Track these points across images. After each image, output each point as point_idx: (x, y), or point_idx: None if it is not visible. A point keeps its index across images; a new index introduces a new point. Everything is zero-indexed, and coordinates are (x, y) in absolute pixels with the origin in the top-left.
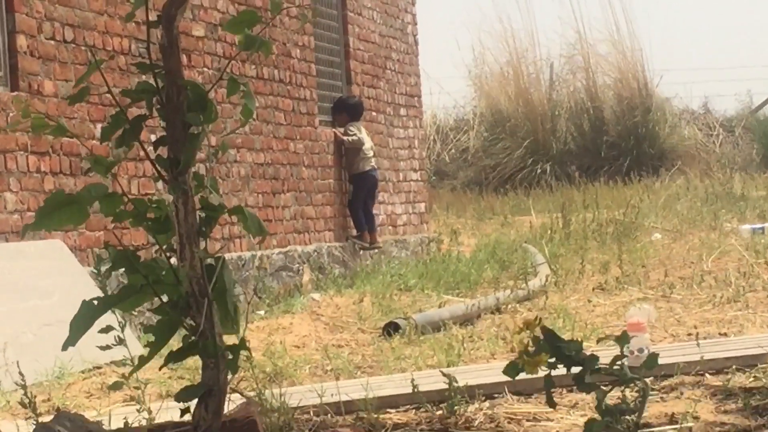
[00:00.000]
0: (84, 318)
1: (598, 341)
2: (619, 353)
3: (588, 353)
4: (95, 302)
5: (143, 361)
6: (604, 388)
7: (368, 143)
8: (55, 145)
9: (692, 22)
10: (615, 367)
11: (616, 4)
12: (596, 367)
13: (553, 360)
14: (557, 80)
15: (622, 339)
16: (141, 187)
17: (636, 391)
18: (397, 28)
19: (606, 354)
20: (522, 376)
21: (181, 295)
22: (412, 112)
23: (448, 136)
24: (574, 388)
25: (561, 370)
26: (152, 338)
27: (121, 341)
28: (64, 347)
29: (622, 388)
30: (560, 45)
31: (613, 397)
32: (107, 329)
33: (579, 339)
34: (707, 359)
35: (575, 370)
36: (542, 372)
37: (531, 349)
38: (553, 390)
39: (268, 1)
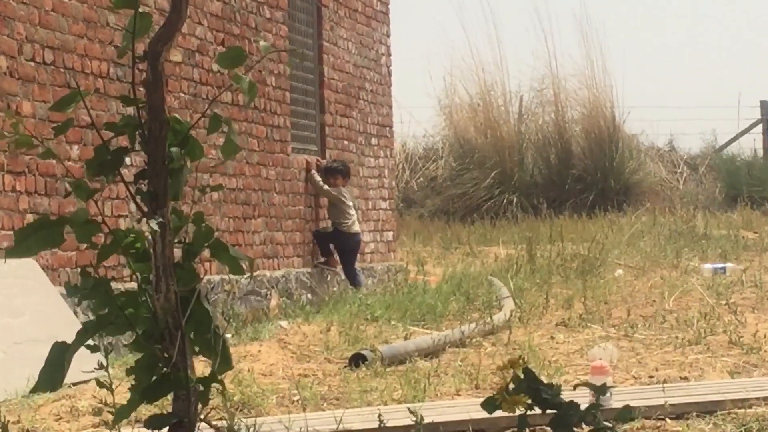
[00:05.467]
0: (55, 363)
1: (575, 387)
2: (594, 402)
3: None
4: (66, 340)
5: (128, 408)
6: None
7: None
8: (31, 166)
9: (660, 60)
10: (590, 416)
11: (593, 39)
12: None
13: (530, 402)
14: (526, 113)
15: (600, 389)
16: (114, 209)
17: None
18: (371, 59)
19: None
20: (483, 414)
21: (156, 328)
22: (383, 142)
23: (417, 165)
24: (545, 428)
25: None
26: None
27: (102, 367)
28: (33, 391)
29: None
30: (531, 78)
31: None
32: (93, 349)
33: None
34: (669, 404)
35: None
36: (518, 411)
37: (511, 387)
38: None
39: (245, 29)
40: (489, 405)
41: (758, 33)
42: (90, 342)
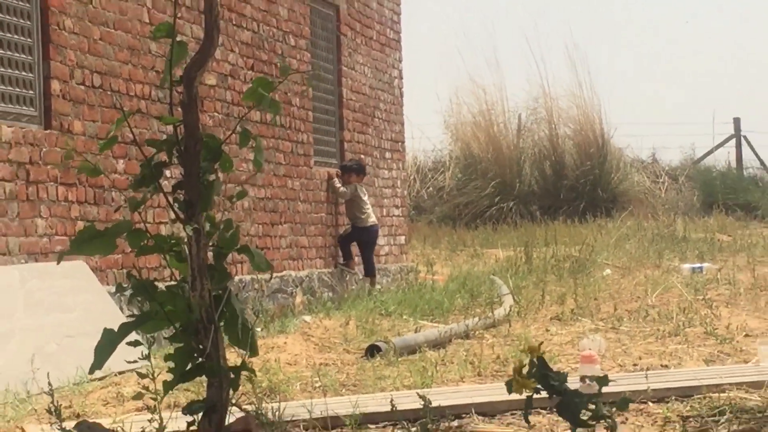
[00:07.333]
0: (106, 344)
1: (581, 380)
2: (597, 392)
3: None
4: (115, 329)
5: (168, 386)
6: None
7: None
8: (81, 178)
9: (643, 80)
10: (591, 405)
11: (579, 64)
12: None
13: (538, 386)
14: (524, 129)
15: (602, 381)
16: (156, 216)
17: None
18: (385, 81)
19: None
20: (485, 399)
21: (192, 322)
22: (396, 156)
23: (426, 176)
24: (541, 410)
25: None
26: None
27: (146, 357)
28: (91, 371)
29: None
30: (527, 99)
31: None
32: (134, 344)
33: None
34: (651, 389)
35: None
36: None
37: (525, 371)
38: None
39: (272, 56)
40: (509, 386)
41: (731, 57)
42: (132, 337)
